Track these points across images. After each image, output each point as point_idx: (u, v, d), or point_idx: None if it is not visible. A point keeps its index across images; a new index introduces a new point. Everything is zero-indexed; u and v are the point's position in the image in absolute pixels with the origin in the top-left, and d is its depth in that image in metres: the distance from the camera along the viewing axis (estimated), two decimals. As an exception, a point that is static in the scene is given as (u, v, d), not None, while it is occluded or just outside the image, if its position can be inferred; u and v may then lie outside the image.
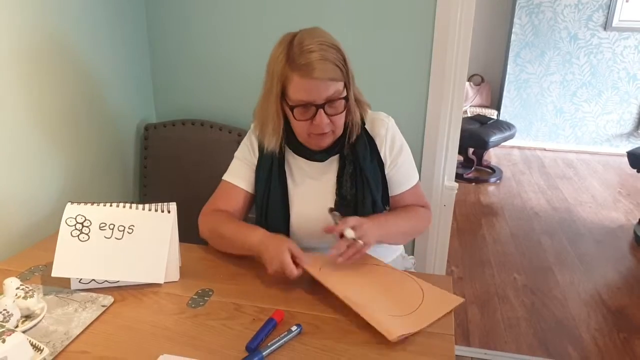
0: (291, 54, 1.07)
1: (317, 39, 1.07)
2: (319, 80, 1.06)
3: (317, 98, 1.08)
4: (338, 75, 1.08)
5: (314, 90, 1.07)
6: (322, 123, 1.11)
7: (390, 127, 1.26)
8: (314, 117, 1.10)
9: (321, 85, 1.07)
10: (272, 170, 1.24)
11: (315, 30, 1.11)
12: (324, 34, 1.11)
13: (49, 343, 0.89)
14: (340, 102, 1.11)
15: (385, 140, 1.24)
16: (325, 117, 1.11)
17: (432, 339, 0.92)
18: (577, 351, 2.09)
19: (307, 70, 1.05)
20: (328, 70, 1.06)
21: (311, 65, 1.04)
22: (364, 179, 1.21)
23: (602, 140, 5.07)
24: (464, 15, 1.60)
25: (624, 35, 4.66)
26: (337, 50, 1.09)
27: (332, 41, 1.09)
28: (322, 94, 1.08)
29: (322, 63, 1.05)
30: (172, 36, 1.83)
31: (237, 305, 1.03)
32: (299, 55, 1.05)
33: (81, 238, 1.06)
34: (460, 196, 3.82)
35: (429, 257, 1.88)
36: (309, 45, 1.06)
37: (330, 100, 1.09)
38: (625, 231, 3.28)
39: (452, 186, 1.79)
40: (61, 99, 1.44)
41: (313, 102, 1.09)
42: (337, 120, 1.14)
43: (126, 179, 1.82)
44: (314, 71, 1.05)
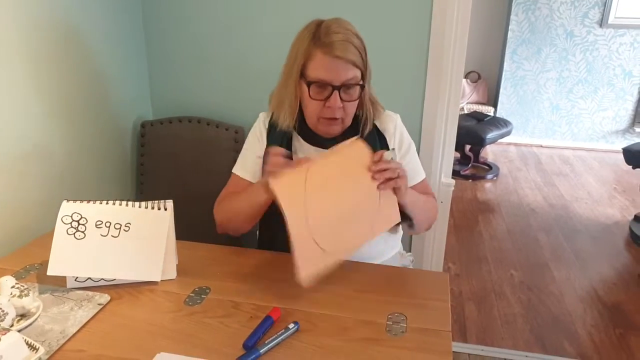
0: (317, 33, 1.11)
1: (343, 26, 1.13)
2: (340, 60, 1.09)
3: (335, 78, 1.11)
4: (358, 61, 1.12)
5: (334, 69, 1.10)
6: (334, 105, 1.13)
7: (399, 123, 1.30)
8: (328, 99, 1.12)
9: (341, 65, 1.10)
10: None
11: (340, 19, 1.16)
12: (350, 24, 1.15)
13: (45, 342, 0.89)
14: (356, 88, 1.14)
15: (395, 135, 1.28)
16: (339, 100, 1.13)
17: (429, 336, 0.93)
18: (573, 347, 2.10)
19: (331, 48, 1.09)
20: (350, 52, 1.10)
21: (335, 44, 1.09)
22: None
23: (598, 136, 5.08)
24: (461, 12, 1.59)
25: (619, 32, 4.67)
26: (360, 41, 1.14)
27: (355, 30, 1.14)
28: (341, 76, 1.11)
29: (345, 44, 1.10)
30: (169, 33, 1.82)
31: (234, 303, 1.02)
32: (325, 34, 1.10)
33: (77, 236, 1.06)
34: (457, 193, 3.83)
35: (426, 253, 1.88)
36: (336, 28, 1.11)
37: (347, 84, 1.12)
38: (620, 227, 3.30)
39: (449, 183, 1.80)
40: (58, 96, 1.43)
41: (330, 82, 1.11)
42: (348, 107, 1.16)
43: (123, 176, 1.82)
44: (337, 50, 1.09)
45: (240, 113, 1.84)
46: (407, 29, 1.63)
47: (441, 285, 1.10)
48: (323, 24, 1.13)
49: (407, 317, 0.98)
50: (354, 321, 0.97)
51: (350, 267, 1.15)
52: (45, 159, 1.41)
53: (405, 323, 0.96)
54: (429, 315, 0.99)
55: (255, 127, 1.33)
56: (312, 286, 1.07)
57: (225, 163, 1.80)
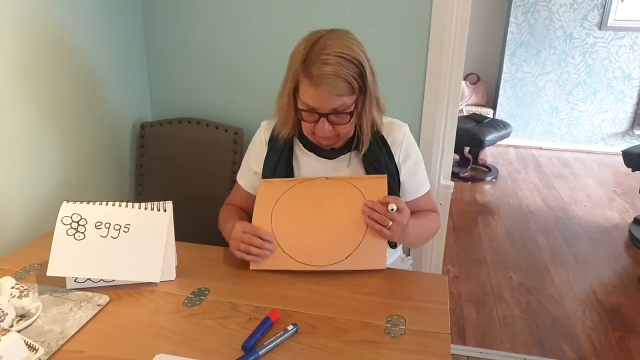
0: (308, 57, 1.07)
1: (338, 49, 1.06)
2: (326, 94, 1.07)
3: (321, 107, 1.10)
4: (347, 92, 1.08)
5: (319, 100, 1.09)
6: (323, 130, 1.13)
7: (407, 134, 1.28)
8: (317, 123, 1.12)
9: (327, 98, 1.08)
10: (278, 164, 1.26)
11: (341, 38, 1.09)
12: (348, 44, 1.08)
13: (44, 342, 0.89)
14: (345, 115, 1.12)
15: (402, 146, 1.26)
16: (328, 125, 1.12)
17: (428, 338, 0.93)
18: (572, 350, 2.10)
19: (316, 81, 1.06)
20: (337, 87, 1.06)
21: (321, 78, 1.05)
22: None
23: (597, 139, 5.09)
24: (460, 14, 1.60)
25: (619, 34, 4.68)
26: (355, 65, 1.07)
27: (353, 54, 1.07)
28: (327, 106, 1.09)
29: (333, 79, 1.05)
30: (169, 35, 1.82)
31: (233, 305, 1.03)
32: (314, 63, 1.06)
33: (77, 237, 1.06)
34: (456, 195, 3.83)
35: (424, 256, 1.88)
36: (326, 57, 1.05)
37: (335, 112, 1.11)
38: (620, 230, 3.30)
39: (448, 185, 1.80)
40: (57, 97, 1.43)
41: (317, 110, 1.10)
42: (340, 129, 1.15)
43: (122, 177, 1.82)
44: (322, 85, 1.06)
45: (240, 114, 1.84)
46: (407, 31, 1.63)
47: (440, 287, 1.10)
48: (319, 42, 1.08)
49: (406, 319, 0.98)
50: (353, 323, 0.97)
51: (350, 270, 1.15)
52: (45, 160, 1.41)
53: (404, 325, 0.96)
54: (428, 318, 0.99)
55: (255, 138, 1.35)
56: (311, 288, 1.08)
57: (224, 164, 1.81)
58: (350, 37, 1.12)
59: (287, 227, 1.15)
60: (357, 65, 1.08)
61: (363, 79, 1.10)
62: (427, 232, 1.29)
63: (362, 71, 1.09)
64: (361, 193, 1.17)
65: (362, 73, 1.09)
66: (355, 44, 1.10)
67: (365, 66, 1.09)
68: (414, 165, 1.28)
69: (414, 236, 1.22)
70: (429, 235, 1.32)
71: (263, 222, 1.17)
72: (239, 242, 1.12)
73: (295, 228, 1.15)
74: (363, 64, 1.09)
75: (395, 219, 1.08)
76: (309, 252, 1.13)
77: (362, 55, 1.09)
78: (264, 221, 1.17)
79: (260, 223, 1.17)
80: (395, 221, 1.09)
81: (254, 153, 1.34)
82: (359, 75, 1.09)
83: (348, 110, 1.11)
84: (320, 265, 1.12)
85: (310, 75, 1.06)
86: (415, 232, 1.21)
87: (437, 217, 1.34)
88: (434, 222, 1.32)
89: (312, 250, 1.14)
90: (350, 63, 1.07)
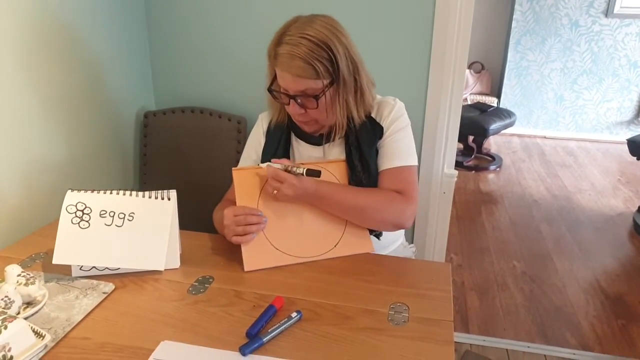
0: (280, 38, 1.08)
1: (302, 31, 1.05)
2: (286, 72, 1.08)
3: (289, 88, 1.11)
4: (312, 75, 1.07)
5: (285, 80, 1.10)
6: (292, 111, 1.15)
7: (396, 108, 1.23)
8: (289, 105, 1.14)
9: (289, 78, 1.09)
10: (276, 153, 1.26)
11: (313, 21, 1.08)
12: (317, 27, 1.06)
13: (51, 329, 0.90)
14: (310, 99, 1.11)
15: (387, 118, 1.22)
16: (297, 107, 1.13)
17: (431, 326, 0.93)
18: (575, 338, 2.11)
19: (276, 61, 1.08)
20: (294, 67, 1.06)
21: (279, 57, 1.07)
22: (365, 164, 1.20)
23: (602, 127, 5.06)
24: (465, 2, 1.58)
25: (625, 22, 4.63)
26: (322, 49, 1.05)
27: (320, 36, 1.05)
28: (292, 87, 1.10)
29: (289, 58, 1.06)
30: (171, 23, 1.81)
31: (237, 292, 1.03)
32: (282, 44, 1.07)
33: (81, 225, 1.06)
34: (460, 184, 3.83)
35: (428, 244, 1.88)
36: (288, 36, 1.06)
37: (303, 95, 1.11)
38: (624, 219, 3.29)
39: (451, 174, 1.79)
40: (61, 87, 1.43)
41: (286, 90, 1.12)
42: (313, 113, 1.14)
43: (126, 166, 1.82)
44: (281, 64, 1.08)
45: (243, 103, 1.84)
46: (410, 19, 1.62)
47: (443, 275, 1.10)
48: (292, 25, 1.07)
49: (409, 307, 0.98)
50: (356, 310, 0.97)
51: (353, 257, 1.16)
52: (49, 149, 1.42)
53: (408, 313, 0.97)
54: (431, 305, 0.99)
55: (254, 130, 1.36)
56: (314, 276, 1.09)
57: (228, 153, 1.81)
58: (330, 22, 1.09)
59: (274, 222, 1.15)
60: (327, 50, 1.06)
61: (333, 66, 1.08)
62: (361, 204, 1.15)
63: (332, 58, 1.07)
64: (334, 176, 1.20)
65: (332, 60, 1.07)
66: (332, 31, 1.08)
67: (335, 51, 1.07)
68: (396, 131, 1.21)
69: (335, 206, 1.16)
70: (371, 210, 1.15)
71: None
72: (235, 227, 1.09)
73: (281, 222, 1.15)
74: (332, 49, 1.06)
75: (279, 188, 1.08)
76: (298, 244, 1.15)
77: (334, 42, 1.07)
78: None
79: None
80: (279, 190, 1.09)
81: (253, 143, 1.34)
82: (328, 62, 1.07)
83: (314, 94, 1.10)
84: (312, 256, 1.14)
85: (277, 55, 1.08)
86: (337, 200, 1.15)
87: (399, 197, 1.16)
88: (386, 200, 1.16)
89: (302, 242, 1.15)
90: (319, 48, 1.05)
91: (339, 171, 1.22)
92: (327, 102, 1.13)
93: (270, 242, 1.13)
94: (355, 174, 1.20)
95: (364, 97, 1.18)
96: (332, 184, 1.18)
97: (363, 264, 1.14)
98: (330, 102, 1.14)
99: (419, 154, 1.75)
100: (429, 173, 1.77)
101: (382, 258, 1.20)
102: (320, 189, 1.13)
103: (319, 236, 1.16)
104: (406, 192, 1.18)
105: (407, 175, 1.20)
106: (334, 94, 1.13)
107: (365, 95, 1.18)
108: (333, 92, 1.12)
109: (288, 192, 1.08)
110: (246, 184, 1.16)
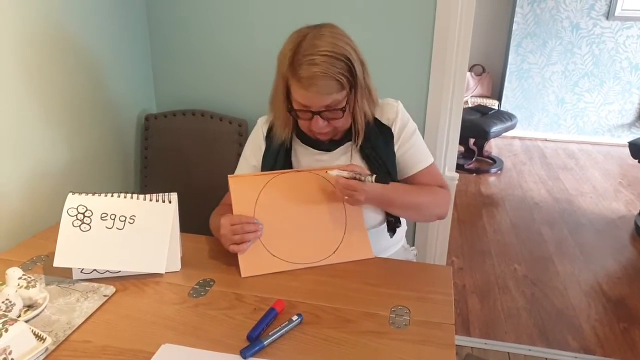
0: (295, 59, 1.07)
1: (324, 48, 1.05)
2: (316, 94, 1.07)
3: (313, 105, 1.10)
4: (337, 89, 1.08)
5: (310, 100, 1.09)
6: (317, 127, 1.14)
7: (400, 110, 1.27)
8: (312, 120, 1.13)
9: (318, 97, 1.08)
10: (277, 158, 1.26)
11: (326, 35, 1.08)
12: (334, 41, 1.07)
13: (52, 332, 0.90)
14: (338, 111, 1.12)
15: (396, 122, 1.25)
16: (322, 121, 1.13)
17: (432, 329, 0.93)
18: (577, 341, 2.10)
19: (306, 83, 1.06)
20: (327, 86, 1.07)
21: (310, 80, 1.06)
22: (380, 164, 1.22)
23: (603, 130, 5.06)
24: (465, 5, 1.59)
25: (626, 24, 4.64)
26: (343, 62, 1.07)
27: (340, 51, 1.07)
28: (319, 104, 1.10)
29: (322, 79, 1.06)
30: (173, 26, 1.82)
31: (238, 295, 1.03)
32: (300, 64, 1.06)
33: (82, 228, 1.07)
34: (461, 187, 3.83)
35: (429, 247, 1.88)
36: (312, 57, 1.05)
37: (328, 109, 1.11)
38: (625, 222, 3.29)
39: (453, 176, 1.79)
40: (62, 89, 1.44)
41: (309, 108, 1.11)
42: (335, 123, 1.15)
43: (127, 169, 1.82)
44: (312, 87, 1.06)
45: (244, 106, 1.84)
46: (411, 22, 1.62)
47: (445, 278, 1.10)
48: (303, 43, 1.07)
49: (410, 310, 0.98)
50: (357, 313, 0.97)
51: (354, 260, 1.16)
52: (50, 152, 1.42)
53: (409, 316, 0.96)
54: (432, 309, 0.99)
55: (253, 134, 1.35)
56: (315, 279, 1.09)
57: (229, 156, 1.81)
58: (336, 32, 1.11)
59: (271, 229, 1.14)
60: (345, 61, 1.07)
61: (352, 74, 1.09)
62: (420, 201, 1.23)
63: (351, 66, 1.08)
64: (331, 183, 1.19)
65: (350, 68, 1.09)
66: (341, 39, 1.09)
67: (353, 61, 1.09)
68: (409, 136, 1.26)
69: (400, 206, 1.22)
70: (425, 207, 1.25)
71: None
72: (232, 236, 1.09)
73: (279, 229, 1.15)
74: (351, 59, 1.08)
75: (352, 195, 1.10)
76: (296, 251, 1.14)
77: (349, 50, 1.08)
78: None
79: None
80: (352, 197, 1.10)
81: (253, 148, 1.33)
82: (348, 71, 1.08)
83: (340, 106, 1.11)
84: (310, 262, 1.14)
85: (299, 77, 1.06)
86: (402, 200, 1.20)
87: (440, 191, 1.27)
88: (433, 196, 1.25)
89: (299, 249, 1.15)
90: (338, 60, 1.06)
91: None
92: (350, 109, 1.15)
93: (267, 249, 1.13)
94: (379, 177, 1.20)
95: (371, 94, 1.20)
96: (396, 186, 1.20)
97: (364, 267, 1.14)
98: (352, 108, 1.16)
99: (420, 156, 1.75)
100: (430, 176, 1.77)
101: (382, 261, 1.20)
102: (386, 193, 1.16)
103: (317, 243, 1.16)
104: (443, 185, 1.29)
105: (435, 171, 1.31)
106: (354, 99, 1.14)
107: (373, 92, 1.20)
108: (353, 98, 1.14)
109: (360, 197, 1.10)
110: (242, 191, 1.16)
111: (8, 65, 1.24)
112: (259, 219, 1.13)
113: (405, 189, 1.23)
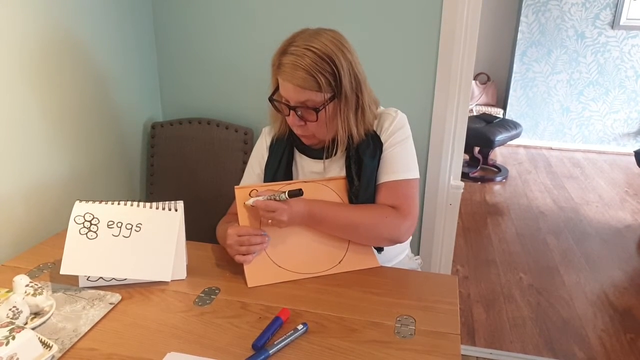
0: (286, 48, 1.10)
1: (308, 43, 1.06)
2: (288, 83, 1.08)
3: (289, 98, 1.11)
4: (314, 87, 1.07)
5: (288, 91, 1.11)
6: (291, 122, 1.15)
7: (397, 120, 1.21)
8: (289, 116, 1.14)
9: (290, 88, 1.09)
10: (279, 168, 1.27)
11: (319, 34, 1.09)
12: (323, 40, 1.07)
13: (58, 340, 0.90)
14: (310, 112, 1.11)
15: (387, 130, 1.21)
16: (297, 118, 1.14)
17: (438, 338, 0.93)
18: (583, 351, 2.09)
19: (280, 70, 1.09)
20: (297, 77, 1.07)
21: (283, 67, 1.08)
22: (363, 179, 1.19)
23: (609, 139, 5.04)
24: (470, 14, 1.59)
25: (631, 33, 4.63)
26: (326, 62, 1.06)
27: (324, 50, 1.06)
28: (295, 98, 1.11)
29: (293, 68, 1.06)
30: (179, 35, 1.83)
31: (243, 304, 1.03)
32: (286, 54, 1.08)
33: (89, 236, 1.07)
34: (466, 195, 3.82)
35: (434, 256, 1.88)
36: (293, 47, 1.08)
37: (303, 106, 1.11)
38: (632, 231, 3.27)
39: (457, 185, 1.79)
40: (69, 98, 1.45)
41: (287, 101, 1.13)
42: (312, 126, 1.15)
43: (133, 177, 1.83)
44: (283, 74, 1.08)
45: (250, 115, 1.85)
46: (417, 31, 1.63)
47: (450, 288, 1.10)
48: (299, 37, 1.09)
49: (415, 319, 0.98)
50: (362, 323, 0.97)
51: (359, 269, 1.16)
52: (57, 160, 1.43)
53: (414, 325, 0.96)
54: (438, 318, 0.99)
55: (257, 144, 1.37)
56: (320, 288, 1.09)
57: (234, 164, 1.82)
58: (337, 38, 1.10)
59: (276, 240, 1.15)
60: (331, 64, 1.07)
61: (336, 80, 1.08)
62: (356, 221, 1.14)
63: (336, 72, 1.08)
64: (335, 193, 1.20)
65: (334, 72, 1.08)
66: (337, 45, 1.09)
67: (340, 68, 1.08)
68: (394, 144, 1.20)
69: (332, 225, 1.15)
70: (367, 227, 1.14)
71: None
72: (238, 247, 1.10)
73: (284, 240, 1.15)
74: (337, 65, 1.07)
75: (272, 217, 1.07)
76: (302, 262, 1.14)
77: (339, 57, 1.08)
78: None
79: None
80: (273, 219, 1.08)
81: (257, 157, 1.35)
82: (331, 76, 1.08)
83: (314, 106, 1.10)
84: (315, 272, 1.14)
85: (281, 64, 1.09)
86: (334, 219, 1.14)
87: (393, 213, 1.15)
88: (380, 216, 1.15)
89: (305, 259, 1.15)
90: (323, 61, 1.06)
91: (339, 188, 1.21)
92: (327, 116, 1.13)
93: (272, 260, 1.13)
94: (354, 189, 1.19)
95: (364, 115, 1.18)
96: (325, 203, 1.16)
97: (369, 276, 1.14)
98: (330, 117, 1.14)
99: (425, 165, 1.75)
100: (435, 184, 1.77)
101: (388, 270, 1.19)
102: (312, 209, 1.13)
103: (323, 254, 1.16)
104: (402, 207, 1.16)
105: (404, 190, 1.18)
106: (335, 109, 1.13)
107: (366, 114, 1.18)
108: (334, 107, 1.13)
109: (282, 218, 1.07)
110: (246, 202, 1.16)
111: (16, 76, 1.26)
112: (264, 230, 1.13)
113: (339, 207, 1.17)
